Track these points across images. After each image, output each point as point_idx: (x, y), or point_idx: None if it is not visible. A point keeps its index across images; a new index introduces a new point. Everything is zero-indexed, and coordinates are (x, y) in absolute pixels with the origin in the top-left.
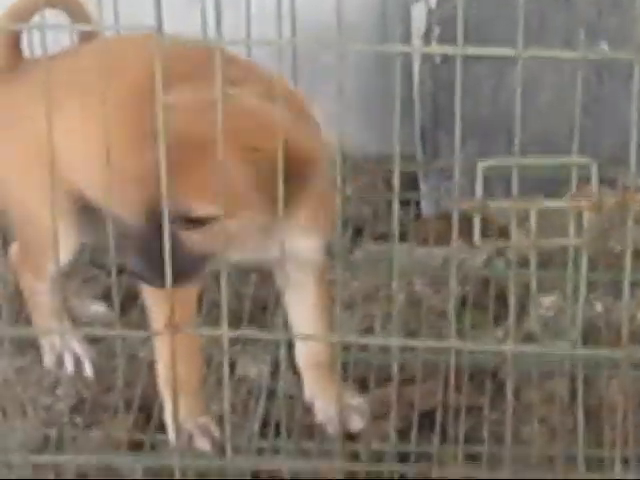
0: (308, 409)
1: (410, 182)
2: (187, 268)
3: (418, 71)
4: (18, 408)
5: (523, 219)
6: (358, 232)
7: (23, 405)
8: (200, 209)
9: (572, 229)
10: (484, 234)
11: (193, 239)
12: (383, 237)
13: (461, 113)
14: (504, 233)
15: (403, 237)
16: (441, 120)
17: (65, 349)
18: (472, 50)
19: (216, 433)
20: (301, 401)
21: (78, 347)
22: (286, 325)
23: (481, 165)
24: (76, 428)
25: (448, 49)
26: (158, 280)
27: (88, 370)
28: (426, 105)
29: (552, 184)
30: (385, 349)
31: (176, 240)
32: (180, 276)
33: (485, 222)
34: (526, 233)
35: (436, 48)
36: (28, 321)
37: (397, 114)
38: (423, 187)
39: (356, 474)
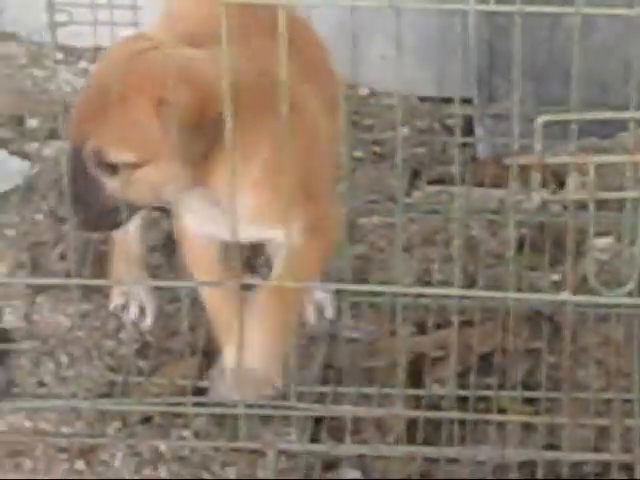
0: (370, 353)
1: (466, 124)
2: (108, 215)
3: (474, 16)
4: (84, 353)
5: (581, 166)
6: (416, 174)
7: (88, 350)
8: (116, 155)
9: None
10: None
11: (112, 186)
12: (440, 180)
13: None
14: (560, 178)
15: (460, 180)
16: (497, 64)
17: (131, 297)
18: (530, 9)
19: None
20: (362, 345)
21: (144, 295)
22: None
23: (540, 120)
24: (140, 373)
25: (507, 8)
26: (81, 224)
27: (149, 320)
28: (482, 49)
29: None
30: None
31: (97, 185)
32: (102, 223)
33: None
34: (583, 182)
35: (494, 7)
36: (94, 266)
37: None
38: (479, 130)
39: (417, 419)
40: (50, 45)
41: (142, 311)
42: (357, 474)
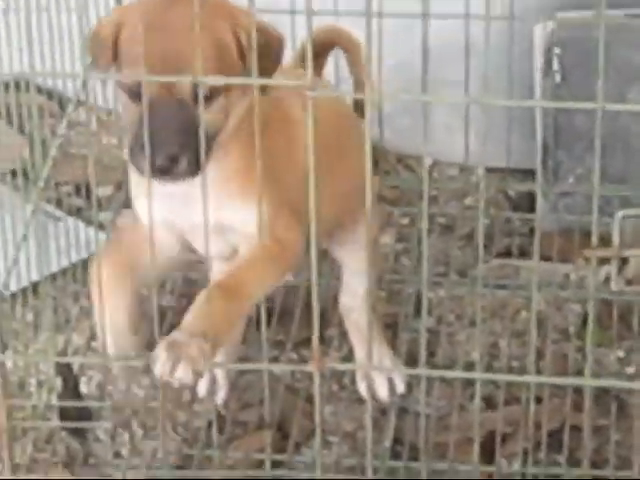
0: (441, 428)
1: (530, 196)
2: (206, 146)
3: (539, 89)
4: (157, 424)
5: None
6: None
7: (162, 421)
8: (210, 80)
9: None
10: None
11: (207, 117)
12: (506, 252)
13: (581, 130)
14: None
15: (524, 253)
16: (561, 138)
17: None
18: (612, 106)
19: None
20: (433, 420)
21: (220, 374)
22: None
23: (619, 215)
24: (215, 446)
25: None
26: (186, 170)
27: (222, 394)
28: (547, 123)
29: None
30: (512, 368)
31: (194, 118)
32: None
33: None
34: None
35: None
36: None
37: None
38: (543, 203)
39: None
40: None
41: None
42: None
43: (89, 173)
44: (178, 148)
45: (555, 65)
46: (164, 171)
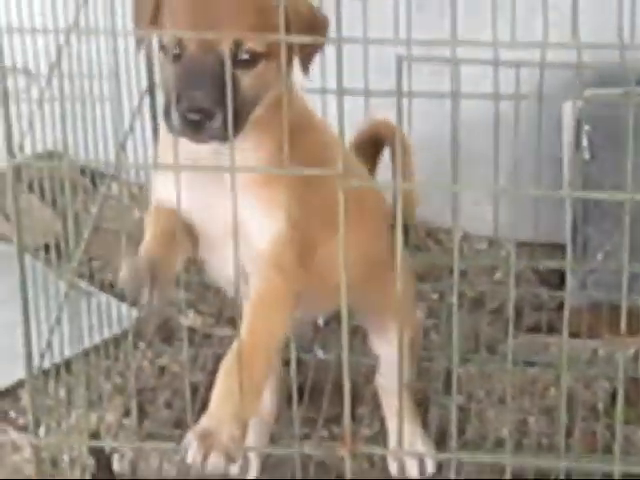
0: None
1: (558, 270)
2: (241, 111)
3: (568, 166)
4: None
5: None
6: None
7: None
8: (255, 46)
9: None
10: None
11: (246, 80)
12: (536, 327)
13: (609, 207)
14: None
15: (553, 328)
16: (590, 214)
17: None
18: None
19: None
20: None
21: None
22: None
23: None
24: None
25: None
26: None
27: (251, 476)
28: (576, 199)
29: None
30: (541, 445)
31: (234, 81)
32: (235, 121)
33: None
34: None
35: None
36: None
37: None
38: (571, 279)
39: None
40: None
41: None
42: None
43: (121, 248)
44: (212, 103)
45: (584, 142)
46: (196, 126)
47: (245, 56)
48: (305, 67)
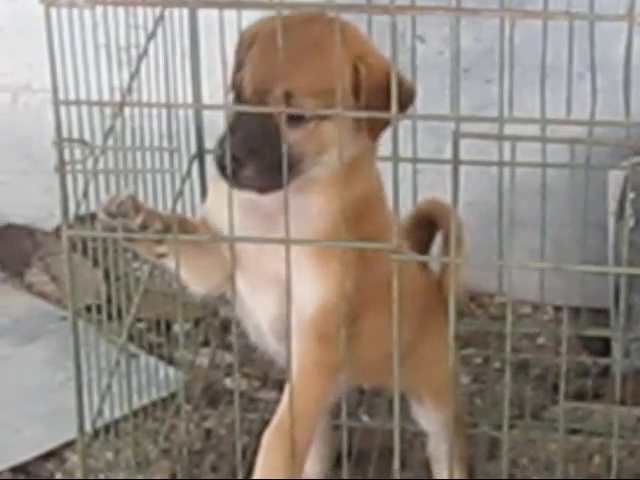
0: None
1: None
2: (276, 171)
3: (613, 233)
4: None
5: None
6: (555, 388)
7: None
8: (306, 101)
9: None
10: None
11: (291, 135)
12: (580, 394)
13: None
14: None
15: (597, 395)
16: (635, 281)
17: None
18: None
19: None
20: None
21: None
22: None
23: None
24: None
25: None
26: (249, 177)
27: None
28: (620, 265)
29: None
30: None
31: (277, 134)
32: (270, 178)
33: None
34: None
35: None
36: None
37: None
38: (616, 346)
39: None
40: None
41: None
42: None
43: (168, 310)
44: (245, 152)
45: (629, 209)
46: (230, 172)
47: (300, 113)
48: (371, 136)
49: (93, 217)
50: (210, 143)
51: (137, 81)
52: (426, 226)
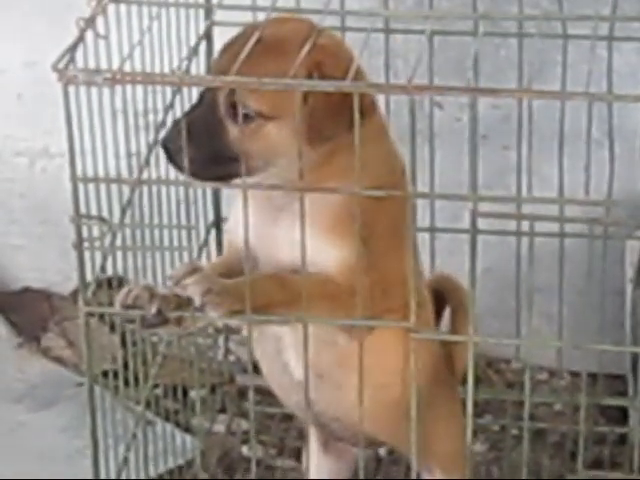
0: None
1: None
2: (220, 164)
3: (630, 299)
4: None
5: None
6: (572, 456)
7: None
8: (252, 102)
9: None
10: None
11: (236, 134)
12: (597, 462)
13: None
14: None
15: (615, 464)
16: None
17: None
18: None
19: None
20: None
21: None
22: None
23: None
24: None
25: None
26: (191, 166)
27: None
28: (637, 333)
29: None
30: None
31: (222, 130)
32: (212, 170)
33: None
34: None
35: None
36: None
37: None
38: (633, 415)
39: None
40: None
41: None
42: None
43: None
44: (197, 154)
45: None
46: (168, 155)
47: (243, 109)
48: (309, 143)
49: (109, 284)
50: (227, 210)
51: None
52: (436, 300)
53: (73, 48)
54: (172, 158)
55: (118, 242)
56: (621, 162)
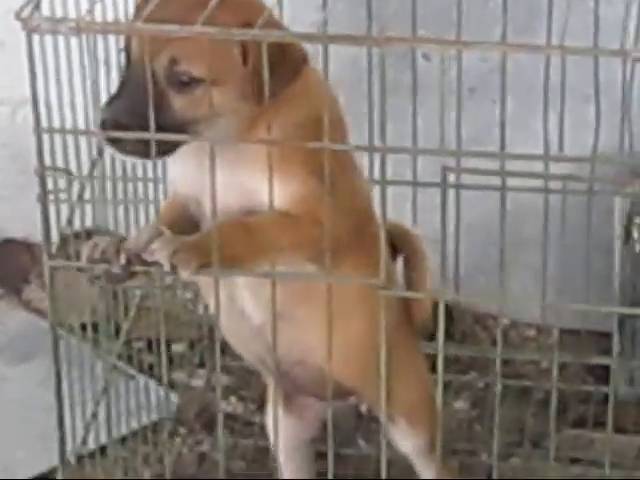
0: None
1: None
2: (168, 130)
3: (618, 254)
4: None
5: None
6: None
7: None
8: (190, 68)
9: None
10: None
11: (177, 102)
12: (581, 421)
13: None
14: None
15: (599, 423)
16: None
17: None
18: None
19: None
20: None
21: None
22: None
23: None
24: None
25: None
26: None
27: None
28: (625, 292)
29: None
30: None
31: (162, 100)
32: (162, 145)
33: None
34: None
35: None
36: None
37: None
38: (618, 373)
39: None
40: None
41: None
42: None
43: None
44: (130, 118)
45: (635, 234)
46: (134, 147)
47: (183, 78)
48: (258, 102)
49: (77, 236)
50: None
51: None
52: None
53: None
54: (115, 143)
55: (88, 195)
56: (608, 117)
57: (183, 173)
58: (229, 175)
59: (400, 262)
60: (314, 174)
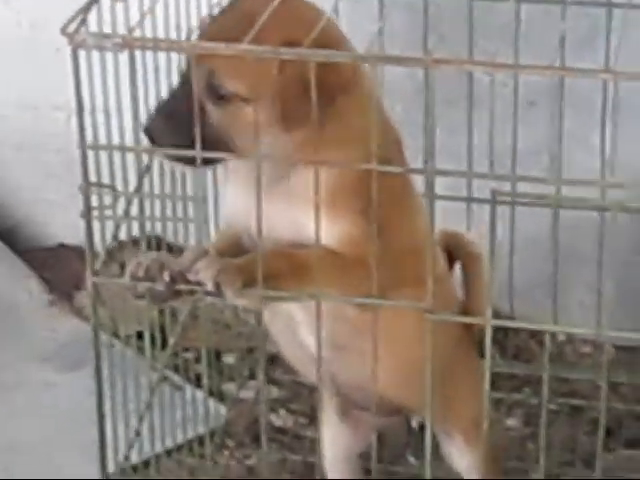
0: None
1: None
2: (208, 146)
3: None
4: None
5: None
6: (609, 433)
7: None
8: (227, 83)
9: None
10: None
11: (213, 115)
12: (636, 441)
13: None
14: None
15: None
16: None
17: None
18: None
19: None
20: None
21: None
22: None
23: None
24: None
25: None
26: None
27: None
28: None
29: None
30: None
31: (203, 110)
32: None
33: None
34: None
35: None
36: None
37: None
38: None
39: None
40: None
41: None
42: None
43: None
44: (166, 126)
45: None
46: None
47: (221, 90)
48: (283, 127)
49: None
50: None
51: None
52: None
53: (85, 10)
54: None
55: (134, 211)
56: None
57: (234, 205)
58: (280, 209)
59: (457, 270)
60: (364, 213)
